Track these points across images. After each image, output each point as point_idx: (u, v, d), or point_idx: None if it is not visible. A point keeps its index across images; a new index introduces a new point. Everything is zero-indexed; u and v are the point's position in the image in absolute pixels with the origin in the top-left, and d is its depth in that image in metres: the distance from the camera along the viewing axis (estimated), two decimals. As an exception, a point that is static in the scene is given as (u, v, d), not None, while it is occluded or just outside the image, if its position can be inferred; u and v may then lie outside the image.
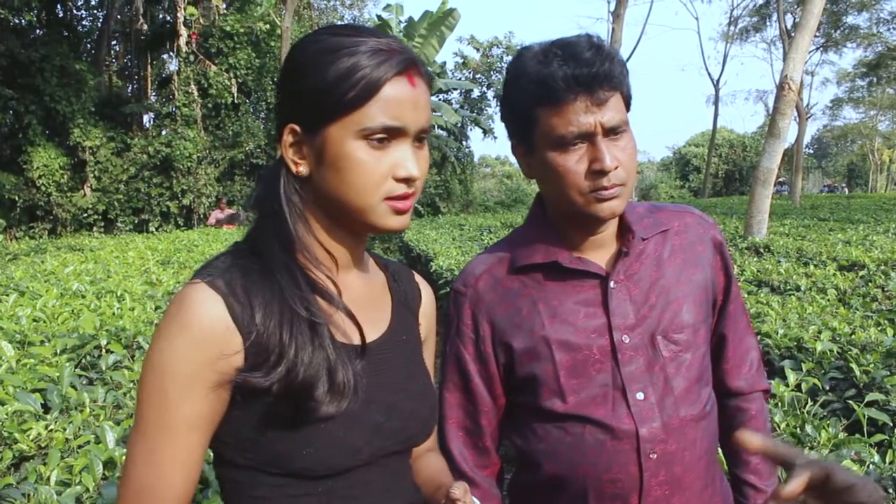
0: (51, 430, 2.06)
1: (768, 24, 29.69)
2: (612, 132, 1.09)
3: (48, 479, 1.74)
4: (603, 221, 1.16)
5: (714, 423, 1.21)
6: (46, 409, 2.28)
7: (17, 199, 17.37)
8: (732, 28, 31.32)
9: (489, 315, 1.22)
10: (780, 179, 37.57)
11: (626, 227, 1.20)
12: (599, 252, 1.20)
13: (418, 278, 1.13)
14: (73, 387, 2.44)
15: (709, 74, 39.77)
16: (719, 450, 1.28)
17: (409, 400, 0.95)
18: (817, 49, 28.85)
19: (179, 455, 0.82)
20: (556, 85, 1.06)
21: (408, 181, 0.88)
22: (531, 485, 1.23)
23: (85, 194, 18.38)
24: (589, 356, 1.15)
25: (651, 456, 1.11)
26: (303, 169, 0.90)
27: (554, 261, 1.19)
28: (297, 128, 0.89)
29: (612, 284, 1.17)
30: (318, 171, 0.89)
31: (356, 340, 0.90)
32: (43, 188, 17.57)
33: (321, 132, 0.87)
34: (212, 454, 0.90)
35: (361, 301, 0.96)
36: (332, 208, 0.90)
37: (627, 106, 1.13)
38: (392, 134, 0.87)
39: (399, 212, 0.89)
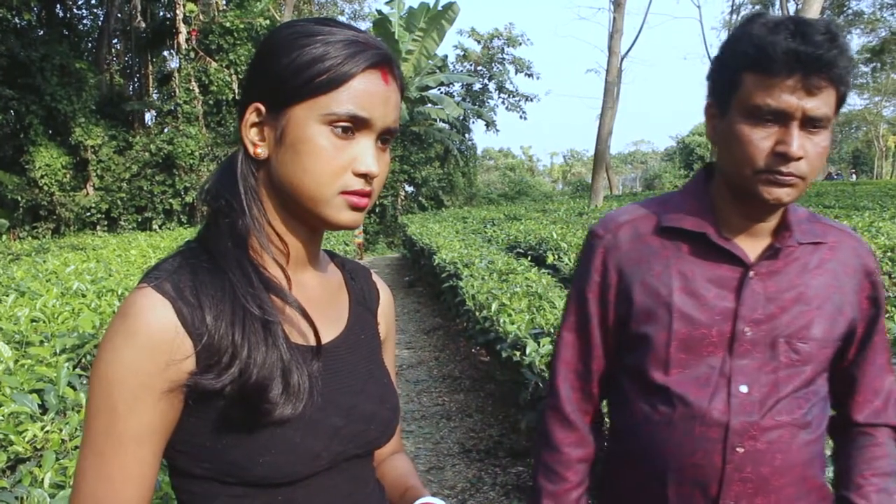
0: (47, 432, 2.04)
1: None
2: (811, 123, 1.05)
3: (42, 481, 1.71)
4: (765, 207, 1.12)
5: (819, 441, 1.17)
6: (44, 409, 2.25)
7: (19, 199, 17.36)
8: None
9: (619, 265, 1.21)
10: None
11: (784, 225, 1.17)
12: (750, 241, 1.17)
13: (376, 277, 1.11)
14: (72, 387, 2.41)
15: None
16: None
17: (369, 402, 0.93)
18: (821, 35, 28.64)
19: (131, 468, 0.79)
20: (774, 55, 1.02)
21: (366, 177, 0.85)
22: (620, 454, 1.25)
23: (88, 193, 18.39)
24: (706, 335, 1.13)
25: (738, 450, 1.10)
26: (261, 150, 0.86)
27: (703, 233, 1.16)
28: (261, 107, 0.86)
29: (750, 274, 1.15)
30: (277, 154, 0.85)
31: (312, 341, 0.87)
32: (45, 188, 17.57)
33: (285, 112, 0.84)
34: (167, 465, 0.87)
35: (317, 300, 0.94)
36: (286, 196, 0.87)
37: (838, 107, 1.08)
38: (357, 125, 0.84)
39: (354, 207, 0.86)
